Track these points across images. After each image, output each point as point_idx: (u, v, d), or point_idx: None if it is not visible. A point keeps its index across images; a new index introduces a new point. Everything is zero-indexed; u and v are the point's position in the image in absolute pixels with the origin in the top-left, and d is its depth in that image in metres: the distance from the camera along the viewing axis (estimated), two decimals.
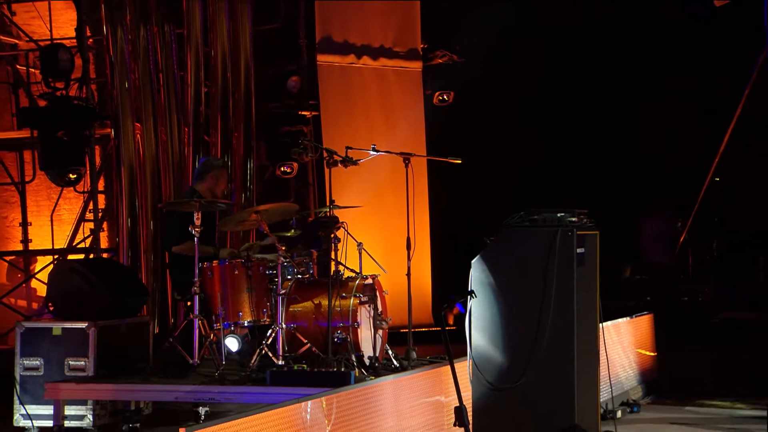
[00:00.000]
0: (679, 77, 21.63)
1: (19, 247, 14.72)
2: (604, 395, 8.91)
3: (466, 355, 7.24)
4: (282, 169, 14.03)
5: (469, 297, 7.21)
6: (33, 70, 13.71)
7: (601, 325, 7.48)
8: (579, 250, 6.98)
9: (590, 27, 20.31)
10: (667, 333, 13.60)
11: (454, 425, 6.79)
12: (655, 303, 16.31)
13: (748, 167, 18.31)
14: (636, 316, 12.32)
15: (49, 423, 8.82)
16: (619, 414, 10.56)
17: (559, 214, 7.08)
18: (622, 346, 11.49)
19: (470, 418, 6.85)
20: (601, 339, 7.46)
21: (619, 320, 11.56)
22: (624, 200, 20.77)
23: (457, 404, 6.78)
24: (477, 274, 7.16)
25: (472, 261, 7.24)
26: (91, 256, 12.86)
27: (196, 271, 8.64)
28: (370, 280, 9.15)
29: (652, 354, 12.64)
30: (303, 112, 14.52)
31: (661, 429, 10.35)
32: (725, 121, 18.55)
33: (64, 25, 13.46)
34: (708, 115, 19.93)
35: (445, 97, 16.09)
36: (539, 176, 18.25)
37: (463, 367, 7.10)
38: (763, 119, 14.84)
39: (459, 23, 16.66)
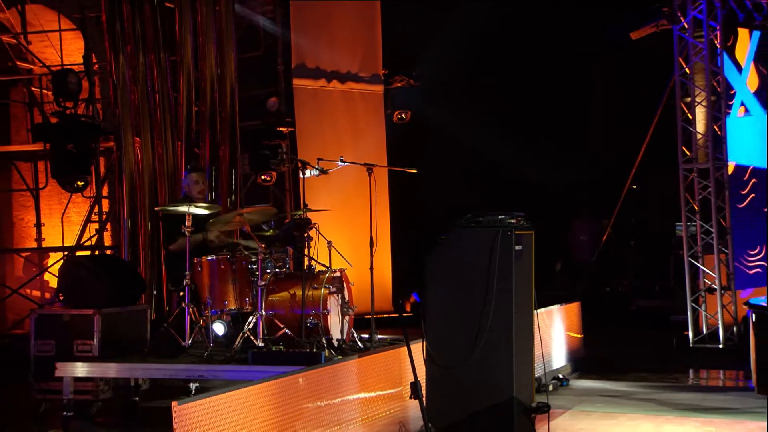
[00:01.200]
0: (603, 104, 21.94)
1: (34, 244, 14.74)
2: (538, 371, 8.93)
3: (421, 337, 7.23)
4: (262, 177, 14.04)
5: (422, 287, 7.20)
6: (46, 91, 13.70)
7: (536, 311, 7.50)
8: (517, 248, 7.01)
9: (524, 63, 20.57)
10: (592, 318, 13.71)
11: (410, 398, 6.79)
12: (582, 292, 16.39)
13: (659, 179, 18.49)
14: (566, 304, 12.40)
15: (60, 397, 8.77)
16: (551, 387, 10.65)
17: (500, 217, 7.11)
18: (554, 330, 11.56)
19: (424, 392, 6.84)
20: (536, 323, 7.48)
21: (552, 307, 11.64)
22: (558, 205, 20.99)
23: (413, 380, 6.77)
24: (430, 267, 7.16)
25: (426, 256, 7.22)
26: (96, 252, 12.80)
27: (188, 266, 8.66)
28: (338, 273, 9.15)
29: (579, 336, 12.74)
30: (281, 129, 14.52)
31: (587, 399, 10.42)
32: (642, 136, 18.73)
33: (73, 53, 13.41)
34: (626, 132, 20.12)
35: (403, 116, 16.15)
36: (486, 184, 18.36)
37: (418, 348, 7.10)
38: (671, 137, 14.97)
39: (415, 53, 16.73)
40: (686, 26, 14.73)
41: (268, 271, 8.96)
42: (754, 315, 5.62)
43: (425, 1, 17.10)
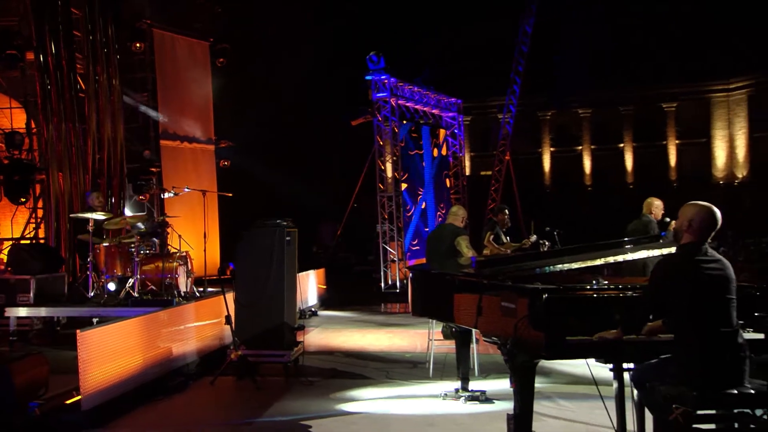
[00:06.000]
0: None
1: None
2: (300, 306, 9.04)
3: (233, 290, 7.16)
4: (140, 197, 13.38)
5: (235, 260, 7.13)
6: (1, 144, 12.48)
7: (298, 274, 7.56)
8: (288, 239, 7.05)
9: (298, 134, 20.66)
10: (331, 277, 13.96)
11: (225, 324, 6.75)
12: (326, 263, 16.64)
13: (367, 200, 19.08)
14: (317, 269, 12.58)
15: (8, 328, 8.28)
16: (307, 315, 10.79)
17: (278, 221, 7.11)
18: (310, 284, 11.71)
19: (233, 320, 6.79)
20: (298, 281, 7.54)
21: (309, 271, 11.81)
22: (314, 214, 21.22)
23: (227, 314, 6.72)
24: (239, 250, 7.10)
25: (237, 243, 7.15)
26: (33, 241, 11.80)
27: (91, 248, 8.25)
28: (185, 253, 8.94)
29: (324, 287, 12.94)
30: (152, 169, 13.86)
31: (327, 322, 10.64)
32: (356, 179, 19.26)
33: (20, 122, 12.26)
34: (351, 175, 20.63)
35: (226, 163, 15.86)
36: (272, 201, 18.32)
37: (231, 296, 7.03)
38: (374, 178, 15.47)
39: (234, 125, 16.56)
40: (380, 119, 15.32)
41: (142, 252, 8.66)
42: (410, 273, 5.89)
43: (240, 92, 17.08)
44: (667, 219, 7.57)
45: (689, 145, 35.82)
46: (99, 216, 8.49)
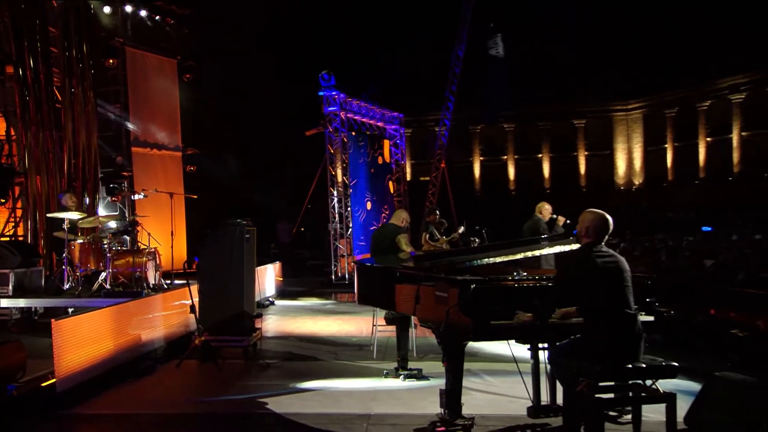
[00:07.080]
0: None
1: None
2: (259, 297, 8.91)
3: (197, 282, 7.00)
4: (113, 198, 12.95)
5: (200, 256, 6.98)
6: None
7: (257, 267, 7.45)
8: (247, 236, 6.94)
9: (257, 143, 20.36)
10: (287, 270, 13.84)
11: (190, 312, 6.60)
12: (283, 257, 16.45)
13: (320, 202, 18.89)
14: (274, 263, 12.42)
15: None
16: (266, 304, 10.62)
17: (238, 220, 7.00)
18: (268, 276, 11.56)
19: (197, 309, 6.65)
20: (257, 274, 7.43)
21: (266, 265, 11.64)
22: (272, 215, 20.96)
23: (191, 303, 6.57)
24: (203, 246, 6.93)
25: (202, 240, 6.99)
26: (12, 239, 11.26)
27: (66, 245, 7.95)
28: (153, 249, 8.66)
29: (281, 279, 12.80)
30: (124, 173, 13.44)
31: (283, 311, 10.53)
32: (310, 184, 19.11)
33: (0, 129, 11.69)
34: (305, 180, 20.46)
35: (192, 168, 15.52)
36: (233, 204, 18.02)
37: (195, 288, 6.87)
38: (325, 183, 15.39)
39: (200, 134, 16.21)
40: (331, 130, 15.26)
41: (114, 248, 8.37)
42: (357, 266, 5.89)
43: (205, 104, 16.79)
44: (554, 216, 7.94)
45: (595, 156, 37.04)
46: (73, 215, 8.18)
